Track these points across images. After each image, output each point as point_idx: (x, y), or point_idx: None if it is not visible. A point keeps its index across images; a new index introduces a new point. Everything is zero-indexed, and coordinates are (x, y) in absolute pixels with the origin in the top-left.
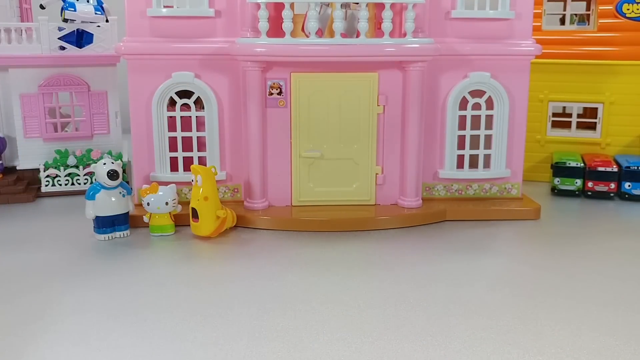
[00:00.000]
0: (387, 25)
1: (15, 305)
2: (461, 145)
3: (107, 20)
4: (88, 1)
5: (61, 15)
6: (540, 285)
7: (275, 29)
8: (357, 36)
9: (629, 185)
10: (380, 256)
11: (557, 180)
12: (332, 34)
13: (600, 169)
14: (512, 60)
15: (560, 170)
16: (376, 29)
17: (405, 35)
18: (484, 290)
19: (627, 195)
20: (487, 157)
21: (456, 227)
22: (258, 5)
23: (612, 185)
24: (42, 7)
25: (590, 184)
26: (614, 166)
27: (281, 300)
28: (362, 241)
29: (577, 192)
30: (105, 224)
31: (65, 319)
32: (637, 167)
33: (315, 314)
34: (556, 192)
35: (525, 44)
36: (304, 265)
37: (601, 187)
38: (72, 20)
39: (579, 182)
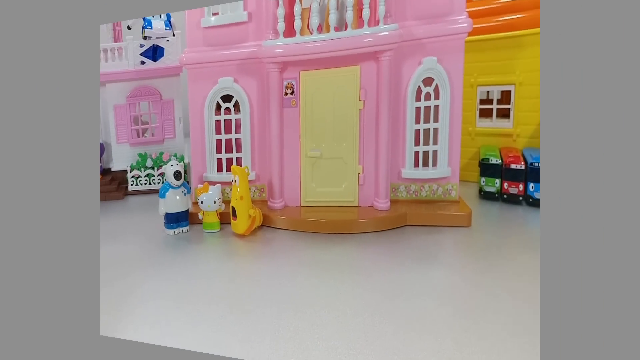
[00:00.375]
0: (366, 12)
1: (110, 289)
2: (418, 142)
3: (173, 35)
4: (160, 17)
5: (142, 34)
6: (474, 304)
7: (289, 29)
8: (345, 28)
9: (533, 187)
10: (361, 261)
11: (482, 181)
12: (328, 28)
13: (513, 166)
14: (450, 40)
15: (485, 168)
16: (358, 18)
17: (378, 22)
18: (433, 306)
19: (531, 200)
20: (435, 154)
21: (414, 232)
22: (277, 3)
23: (521, 187)
24: (129, 27)
25: (505, 185)
26: (522, 163)
27: (294, 301)
28: (350, 244)
29: (496, 195)
30: (172, 220)
31: (144, 304)
32: (539, 163)
33: (317, 317)
34: (482, 194)
35: (461, 19)
36: (309, 266)
37: (513, 189)
38: (150, 37)
39: (498, 182)
